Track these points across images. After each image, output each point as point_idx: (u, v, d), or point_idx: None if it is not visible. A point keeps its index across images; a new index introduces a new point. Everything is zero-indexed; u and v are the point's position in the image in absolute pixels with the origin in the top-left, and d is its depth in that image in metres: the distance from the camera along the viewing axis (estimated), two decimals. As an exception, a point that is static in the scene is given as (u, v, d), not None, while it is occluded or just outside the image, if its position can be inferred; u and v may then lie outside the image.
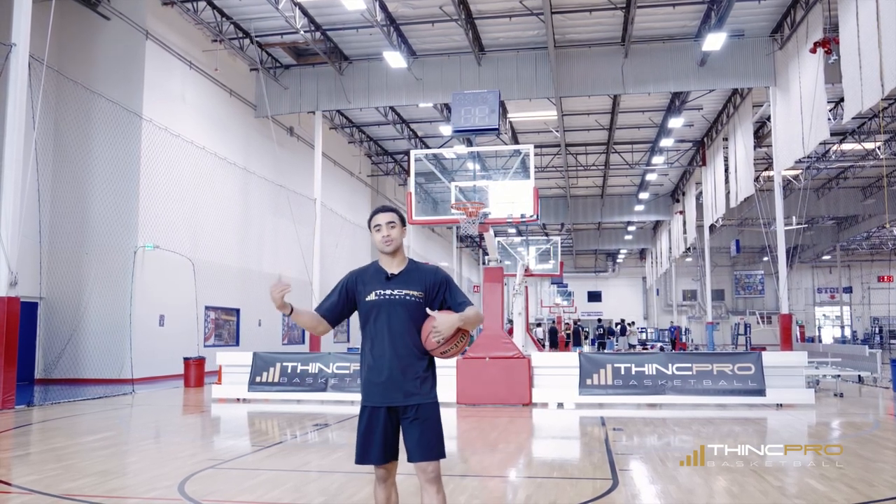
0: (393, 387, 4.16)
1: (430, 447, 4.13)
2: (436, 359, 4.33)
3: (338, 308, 4.45)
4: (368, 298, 4.29)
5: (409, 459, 4.15)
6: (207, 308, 24.75)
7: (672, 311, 63.52)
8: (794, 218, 31.54)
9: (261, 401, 15.54)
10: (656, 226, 59.08)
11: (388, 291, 4.27)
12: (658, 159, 38.31)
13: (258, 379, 15.75)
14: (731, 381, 14.05)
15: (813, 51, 20.93)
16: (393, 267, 4.38)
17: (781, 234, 25.22)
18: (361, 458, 4.23)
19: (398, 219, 4.40)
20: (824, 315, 70.69)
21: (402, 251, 4.44)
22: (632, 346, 42.51)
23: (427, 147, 36.76)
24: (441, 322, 4.12)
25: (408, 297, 4.27)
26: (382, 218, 4.39)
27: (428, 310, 4.28)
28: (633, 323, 47.22)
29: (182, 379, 19.85)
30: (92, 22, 21.91)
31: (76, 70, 21.02)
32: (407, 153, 32.19)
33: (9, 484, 7.25)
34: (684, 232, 45.08)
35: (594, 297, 73.86)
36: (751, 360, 14.32)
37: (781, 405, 13.92)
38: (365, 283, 4.36)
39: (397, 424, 4.21)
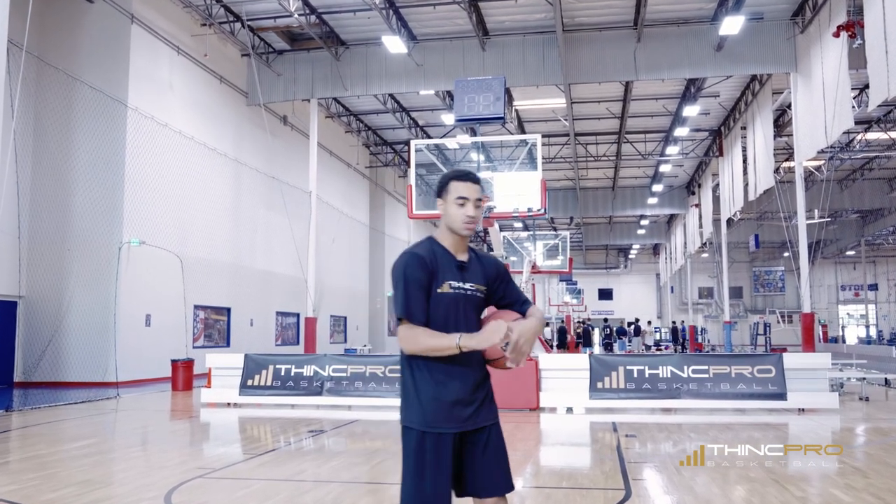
0: (472, 406, 3.62)
1: (508, 475, 3.69)
2: None
3: (427, 309, 3.67)
4: (442, 290, 3.64)
5: (480, 494, 3.64)
6: (196, 307, 24.75)
7: (687, 309, 63.33)
8: (816, 211, 31.49)
9: (253, 405, 15.52)
10: (671, 220, 59.02)
11: (462, 285, 3.69)
12: (672, 149, 38.24)
13: (250, 382, 15.73)
14: (750, 384, 14.02)
15: (836, 34, 20.85)
16: (461, 253, 3.77)
17: (803, 229, 25.15)
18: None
19: (483, 195, 3.78)
20: (848, 314, 70.57)
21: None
22: (648, 348, 42.48)
23: (428, 137, 36.72)
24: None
25: (478, 294, 3.75)
26: (470, 190, 3.70)
27: (488, 310, 3.84)
28: (650, 322, 47.08)
29: (169, 382, 19.81)
30: (74, 5, 21.87)
31: (58, 56, 20.96)
32: (407, 143, 32.12)
33: (-14, 494, 7.24)
34: (700, 226, 44.97)
35: (605, 294, 73.83)
36: (771, 361, 14.28)
37: (803, 410, 13.89)
38: (437, 269, 3.66)
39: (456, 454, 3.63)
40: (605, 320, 51.60)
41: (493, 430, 3.68)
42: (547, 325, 50.39)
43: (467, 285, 3.69)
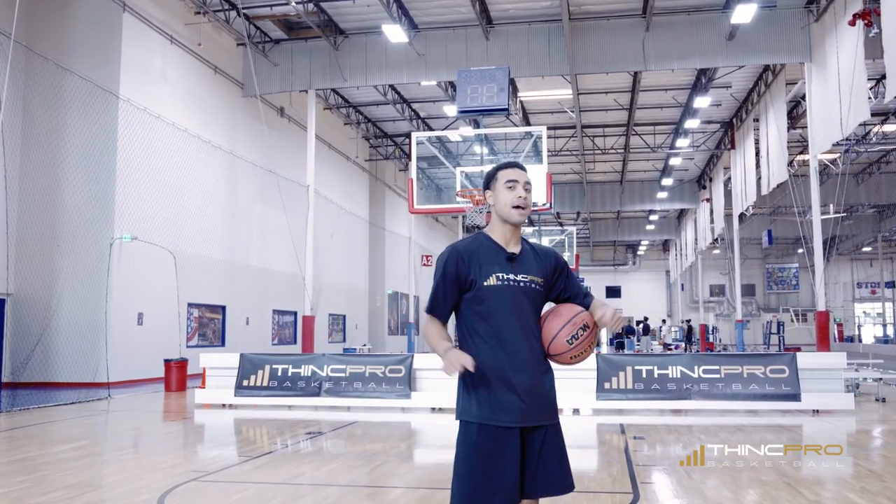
0: (534, 401, 3.64)
1: (569, 474, 3.71)
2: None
3: (454, 307, 3.81)
4: (488, 283, 3.67)
5: (543, 493, 3.66)
6: (190, 305, 24.77)
7: (698, 307, 63.41)
8: (831, 206, 31.47)
9: (248, 406, 15.53)
10: (681, 214, 59.00)
11: (513, 276, 3.71)
12: (683, 142, 38.21)
13: (246, 382, 15.73)
14: (762, 384, 14.01)
15: (852, 23, 20.81)
16: (512, 244, 3.81)
17: (818, 224, 25.12)
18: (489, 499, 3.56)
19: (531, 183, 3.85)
20: (864, 312, 70.54)
21: (521, 226, 3.87)
22: (667, 347, 42.41)
23: (430, 129, 36.74)
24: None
25: (534, 286, 3.75)
26: (519, 174, 3.80)
27: (547, 306, 3.84)
28: (665, 321, 46.88)
29: (162, 382, 19.82)
30: (64, -8, 21.89)
31: (47, 45, 20.97)
32: (408, 136, 32.18)
33: (-27, 498, 7.25)
34: (711, 221, 44.96)
35: (613, 292, 73.80)
36: (784, 361, 14.27)
37: (818, 411, 13.89)
38: (480, 263, 3.71)
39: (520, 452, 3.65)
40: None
41: (555, 429, 3.72)
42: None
43: (520, 277, 3.71)
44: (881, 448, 10.58)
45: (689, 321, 51.70)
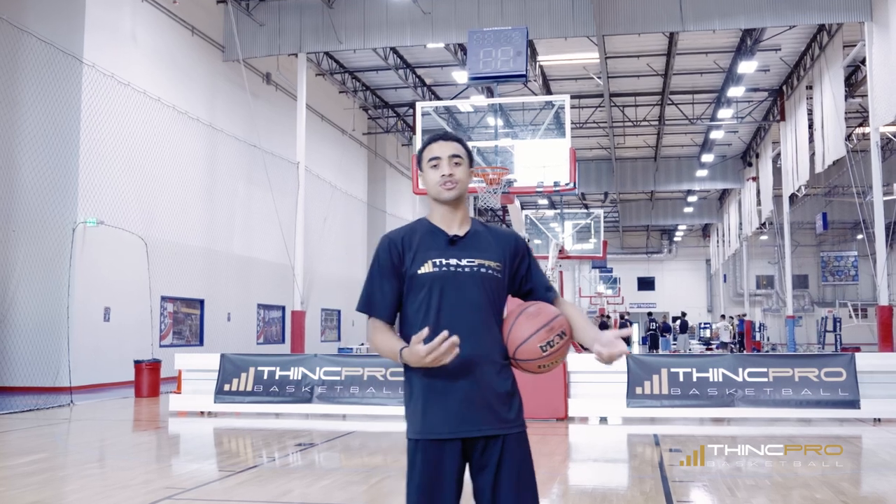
0: (473, 408, 3.50)
1: (531, 499, 3.54)
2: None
3: (397, 301, 3.71)
4: (422, 271, 3.61)
5: None
6: (164, 299, 24.81)
7: (743, 301, 63.35)
8: (895, 185, 31.34)
9: (230, 414, 15.55)
10: (723, 196, 58.89)
11: (455, 261, 3.61)
12: (725, 112, 38.11)
13: (227, 387, 15.74)
14: (816, 389, 13.96)
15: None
16: (455, 225, 3.72)
17: (880, 206, 25.02)
18: None
19: (465, 153, 3.75)
20: (933, 307, 70.28)
21: (465, 204, 3.79)
22: (725, 345, 42.39)
23: (437, 98, 36.68)
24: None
25: (483, 270, 3.63)
26: (443, 148, 3.71)
27: (510, 303, 3.74)
28: (724, 316, 46.74)
29: (132, 387, 19.85)
30: (19, -57, 21.87)
31: (0, 4, 20.95)
32: (412, 106, 32.11)
33: (-83, 518, 7.26)
34: (758, 203, 44.88)
35: (645, 284, 73.81)
36: (841, 363, 14.21)
37: (880, 420, 13.84)
38: (413, 248, 3.65)
39: (464, 468, 3.55)
40: (650, 314, 51.44)
41: (510, 441, 3.54)
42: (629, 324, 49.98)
43: (464, 262, 3.61)
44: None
45: (743, 315, 51.51)
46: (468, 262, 3.61)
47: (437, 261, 3.60)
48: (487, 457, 3.52)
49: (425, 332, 3.35)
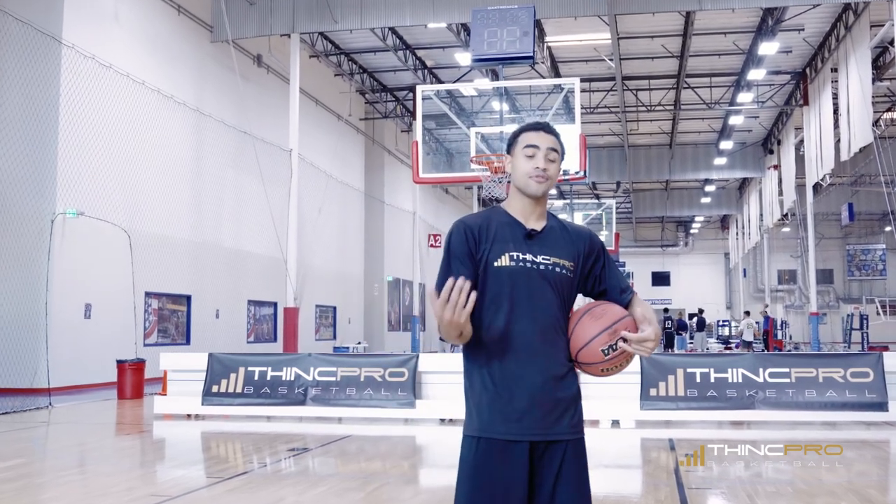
0: (541, 412, 3.53)
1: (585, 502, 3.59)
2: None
3: (474, 286, 3.50)
4: (498, 263, 3.59)
5: None
6: (148, 295, 24.81)
7: (764, 297, 63.36)
8: (926, 174, 31.32)
9: (219, 417, 15.56)
10: (743, 185, 58.90)
11: (531, 257, 3.60)
12: (745, 97, 38.09)
13: (215, 388, 15.73)
14: (842, 391, 13.94)
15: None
16: (533, 220, 3.72)
17: (910, 196, 25.04)
18: None
19: (562, 149, 3.76)
20: (966, 303, 70.39)
21: (546, 200, 3.77)
22: (748, 345, 42.41)
23: (439, 81, 36.69)
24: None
25: (559, 270, 3.63)
26: (542, 139, 3.71)
27: (586, 305, 3.71)
28: (748, 313, 46.74)
29: (115, 388, 19.86)
30: (-6, -84, 21.84)
31: (-27, -20, 20.96)
32: (412, 89, 32.09)
33: None
34: (780, 193, 44.88)
35: (660, 279, 73.84)
36: (869, 363, 14.20)
37: (910, 423, 13.85)
38: (490, 238, 3.63)
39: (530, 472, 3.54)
40: (665, 311, 51.41)
41: (573, 447, 3.62)
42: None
43: (540, 258, 3.60)
44: None
45: (766, 308, 51.39)
46: (544, 259, 3.61)
47: (515, 254, 3.58)
48: (547, 462, 3.55)
49: (467, 285, 3.31)
